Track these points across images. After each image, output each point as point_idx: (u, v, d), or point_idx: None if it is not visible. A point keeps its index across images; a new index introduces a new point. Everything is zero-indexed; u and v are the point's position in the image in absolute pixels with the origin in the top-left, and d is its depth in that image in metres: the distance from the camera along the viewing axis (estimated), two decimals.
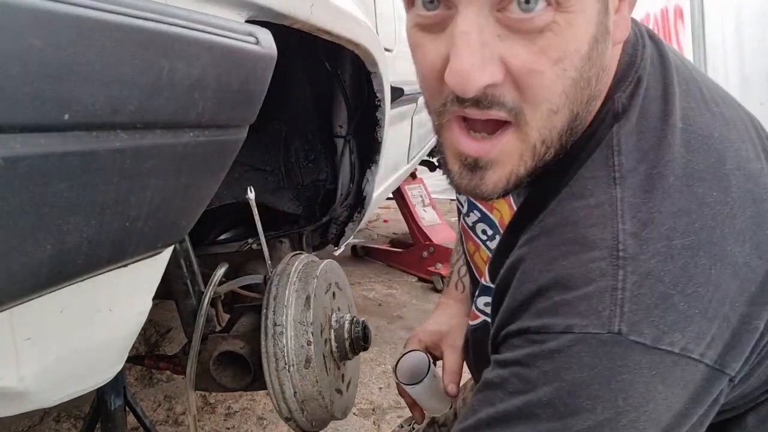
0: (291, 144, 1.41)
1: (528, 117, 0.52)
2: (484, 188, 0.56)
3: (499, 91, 0.51)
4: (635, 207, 0.52)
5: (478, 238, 0.83)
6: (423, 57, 0.55)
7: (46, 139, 0.37)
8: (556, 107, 0.52)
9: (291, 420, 0.84)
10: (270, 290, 0.85)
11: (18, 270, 0.39)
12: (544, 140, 0.54)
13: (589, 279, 0.50)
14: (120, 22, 0.40)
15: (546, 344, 0.51)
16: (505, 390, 0.53)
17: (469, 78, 0.48)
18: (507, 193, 0.58)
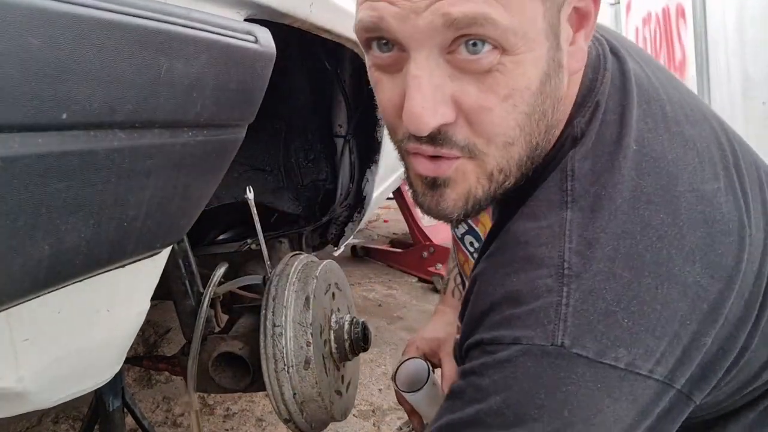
0: (291, 144, 1.41)
1: (483, 149, 0.55)
2: (444, 205, 0.59)
3: (452, 130, 0.54)
4: (582, 227, 0.54)
5: (466, 249, 0.85)
6: (382, 95, 0.57)
7: (44, 139, 0.36)
8: (512, 140, 0.55)
9: (290, 421, 0.83)
10: (269, 291, 0.85)
11: (16, 270, 0.39)
12: (502, 169, 0.57)
13: (536, 294, 0.53)
14: (118, 20, 0.40)
15: (496, 354, 0.53)
16: (462, 399, 0.56)
17: (422, 120, 0.51)
18: (467, 215, 0.60)
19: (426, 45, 0.51)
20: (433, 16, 0.49)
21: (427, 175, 0.59)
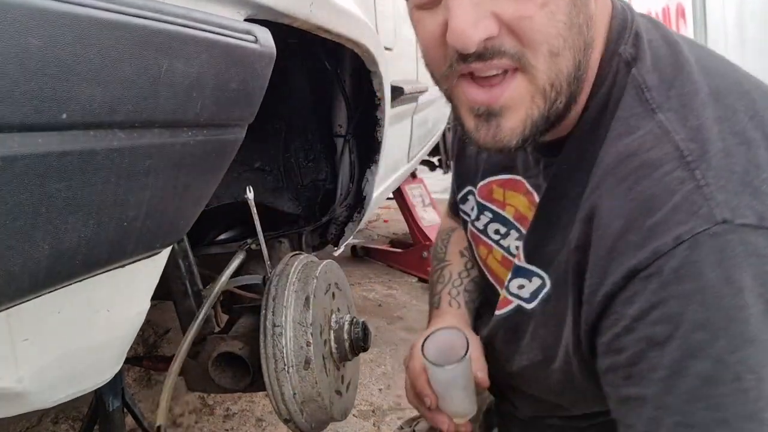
0: (290, 144, 1.41)
1: (532, 61, 0.56)
2: (502, 135, 0.60)
3: (498, 42, 0.56)
4: (682, 120, 0.56)
5: (490, 240, 0.83)
6: (424, 30, 0.60)
7: (44, 139, 0.36)
8: (556, 49, 0.56)
9: (290, 421, 0.83)
10: (269, 291, 0.85)
11: (16, 270, 0.39)
12: (553, 83, 0.58)
13: (671, 190, 0.52)
14: (118, 20, 0.40)
15: (664, 269, 0.50)
16: (654, 343, 0.50)
17: (466, 33, 0.54)
18: (526, 141, 0.60)
19: None
20: None
21: (480, 104, 0.59)
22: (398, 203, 3.61)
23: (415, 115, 2.18)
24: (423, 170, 3.95)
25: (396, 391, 2.24)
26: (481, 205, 0.85)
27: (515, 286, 0.72)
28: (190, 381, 0.94)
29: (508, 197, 0.79)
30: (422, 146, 2.75)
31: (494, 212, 0.82)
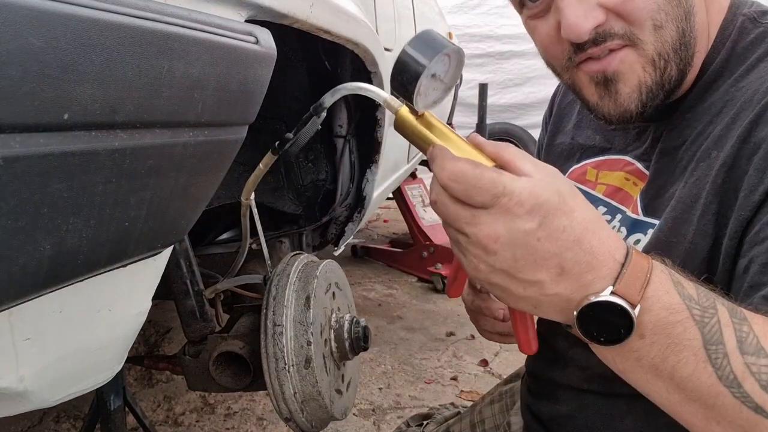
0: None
1: (640, 36, 0.66)
2: (622, 100, 0.68)
3: (608, 26, 0.66)
4: None
5: None
6: (540, 34, 0.71)
7: (45, 139, 0.37)
8: (659, 22, 0.65)
9: (291, 420, 0.84)
10: (270, 290, 0.85)
11: (17, 270, 0.39)
12: (660, 53, 0.66)
13: None
14: (119, 21, 0.40)
15: None
16: None
17: (578, 25, 0.65)
18: (644, 106, 0.68)
19: None
20: None
21: (596, 74, 0.69)
22: (398, 203, 3.61)
23: None
24: (423, 170, 3.95)
25: (396, 390, 2.24)
26: None
27: (632, 241, 0.73)
28: (191, 380, 0.94)
29: (601, 177, 0.84)
30: None
31: (583, 192, 0.85)
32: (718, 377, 0.49)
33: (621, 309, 0.50)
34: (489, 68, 5.96)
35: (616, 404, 0.77)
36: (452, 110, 4.36)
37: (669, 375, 0.51)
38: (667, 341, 0.51)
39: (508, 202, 0.49)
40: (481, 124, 4.24)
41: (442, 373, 2.38)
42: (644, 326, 0.51)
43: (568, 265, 0.50)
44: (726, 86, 0.69)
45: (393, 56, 1.76)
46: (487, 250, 0.51)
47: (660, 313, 0.51)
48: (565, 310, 0.52)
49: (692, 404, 0.51)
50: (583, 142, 0.90)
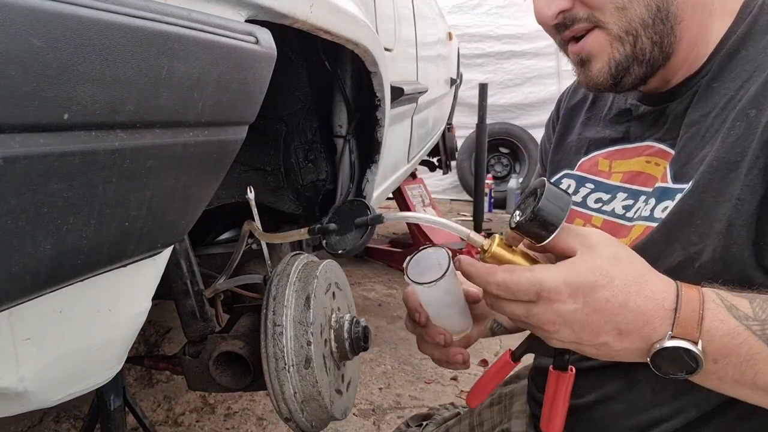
0: (291, 144, 1.41)
1: (601, 18, 0.74)
2: (593, 75, 0.78)
3: (573, 12, 0.75)
4: None
5: (588, 210, 0.88)
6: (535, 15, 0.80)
7: (45, 139, 0.37)
8: (623, 3, 0.72)
9: (291, 420, 0.84)
10: (270, 290, 0.85)
11: (17, 270, 0.39)
12: (627, 30, 0.74)
13: None
14: (120, 21, 0.40)
15: None
16: None
17: (543, 13, 0.77)
18: (615, 79, 0.77)
19: None
20: None
21: (575, 54, 0.79)
22: (398, 203, 3.61)
23: (415, 115, 2.18)
24: (423, 170, 3.95)
25: (396, 390, 2.24)
26: (582, 179, 0.91)
27: (660, 210, 0.76)
28: (191, 380, 0.94)
29: (615, 166, 0.87)
30: (422, 146, 2.75)
31: (597, 182, 0.89)
32: None
33: (686, 350, 0.57)
34: (489, 68, 5.96)
35: (641, 391, 0.77)
36: (452, 110, 4.36)
37: (752, 384, 0.58)
38: (738, 360, 0.57)
39: (548, 295, 0.59)
40: (481, 124, 4.24)
41: (442, 373, 2.38)
42: (713, 354, 0.57)
43: (623, 327, 0.59)
44: (754, 53, 0.72)
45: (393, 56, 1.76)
46: (550, 331, 0.61)
47: (722, 340, 0.57)
48: (640, 357, 0.60)
49: None
50: (591, 136, 0.93)
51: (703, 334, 0.57)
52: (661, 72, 0.80)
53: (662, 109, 0.82)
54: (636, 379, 0.77)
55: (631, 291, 0.59)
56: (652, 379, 0.73)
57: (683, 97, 0.79)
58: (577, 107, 1.00)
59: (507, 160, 6.23)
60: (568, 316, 0.59)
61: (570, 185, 0.92)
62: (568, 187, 0.93)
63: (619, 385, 0.79)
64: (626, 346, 0.60)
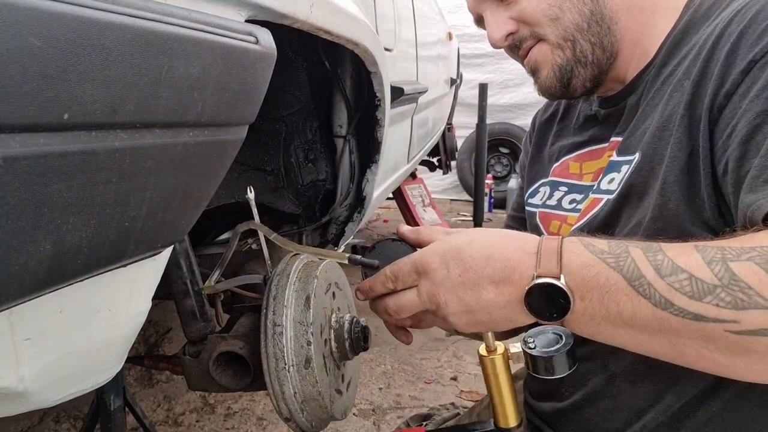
0: (291, 144, 1.41)
1: (540, 31, 0.82)
2: (542, 82, 0.86)
3: (520, 33, 0.85)
4: None
5: (563, 211, 0.92)
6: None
7: (45, 139, 0.37)
8: (555, 15, 0.80)
9: (291, 420, 0.84)
10: (270, 290, 0.85)
11: (17, 270, 0.39)
12: (564, 37, 0.81)
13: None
14: (119, 21, 0.40)
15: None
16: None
17: (493, 38, 0.86)
18: (563, 83, 0.84)
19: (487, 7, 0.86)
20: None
21: (527, 68, 0.88)
22: (398, 203, 3.61)
23: (415, 115, 2.18)
24: (423, 170, 3.95)
25: (396, 390, 2.24)
26: (555, 183, 0.96)
27: (606, 182, 0.82)
28: (191, 380, 0.94)
29: (585, 167, 0.92)
30: (422, 146, 2.75)
31: (570, 185, 0.93)
32: (654, 305, 0.55)
33: (551, 284, 0.59)
34: (489, 68, 5.96)
35: (620, 386, 0.78)
36: (452, 110, 4.36)
37: (621, 320, 0.58)
38: (599, 293, 0.58)
39: (424, 267, 0.66)
40: (481, 124, 4.24)
41: (442, 373, 2.38)
42: (577, 289, 0.59)
43: (495, 277, 0.62)
44: (696, 38, 0.76)
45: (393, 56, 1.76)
46: (441, 305, 0.65)
47: (580, 272, 0.59)
48: (522, 307, 0.62)
49: (657, 338, 0.57)
50: (561, 143, 0.99)
51: (563, 269, 0.59)
52: (613, 71, 0.85)
53: (622, 106, 0.86)
54: (613, 373, 0.79)
55: (494, 244, 0.64)
56: (628, 371, 0.76)
57: (638, 90, 0.83)
58: (549, 121, 1.06)
59: (507, 160, 6.23)
60: (446, 281, 0.64)
61: (545, 191, 0.98)
62: (542, 197, 0.97)
63: (599, 380, 0.80)
64: (507, 297, 0.62)
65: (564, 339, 0.68)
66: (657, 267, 0.56)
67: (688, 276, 0.54)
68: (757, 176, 0.60)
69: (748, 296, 0.52)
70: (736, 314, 0.52)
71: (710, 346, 0.54)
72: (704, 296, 0.53)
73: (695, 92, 0.70)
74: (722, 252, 0.54)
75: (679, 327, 0.55)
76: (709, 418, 0.71)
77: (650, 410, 0.75)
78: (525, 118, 5.95)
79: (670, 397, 0.74)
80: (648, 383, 0.76)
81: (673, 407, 0.73)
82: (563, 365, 0.67)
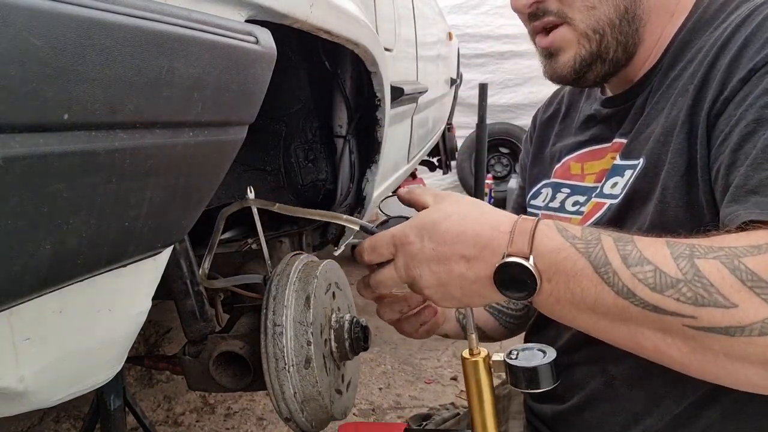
0: (291, 144, 1.41)
1: (569, 14, 0.78)
2: (558, 68, 0.82)
3: (545, 5, 0.79)
4: None
5: (566, 213, 0.91)
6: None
7: (45, 139, 0.37)
8: (591, 4, 0.77)
9: (291, 420, 0.84)
10: (270, 290, 0.85)
11: (17, 270, 0.39)
12: (594, 29, 0.78)
13: None
14: (119, 21, 0.40)
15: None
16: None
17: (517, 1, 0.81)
18: (578, 74, 0.81)
19: None
20: None
21: (542, 47, 0.83)
22: None
23: (415, 115, 2.18)
24: (423, 170, 3.95)
25: (396, 390, 2.24)
26: (558, 185, 0.94)
27: (609, 186, 0.81)
28: (191, 380, 0.94)
29: (587, 168, 0.90)
30: (422, 146, 2.75)
31: (572, 186, 0.92)
32: (616, 293, 0.56)
33: (519, 264, 0.60)
34: (489, 68, 5.96)
35: (619, 390, 0.78)
36: (452, 110, 4.36)
37: (585, 305, 0.58)
38: (566, 277, 0.59)
39: (401, 240, 0.67)
40: (481, 124, 4.24)
41: (442, 373, 2.38)
42: (544, 271, 0.60)
43: (466, 252, 0.63)
44: (701, 41, 0.75)
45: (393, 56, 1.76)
46: (416, 278, 0.66)
47: (549, 255, 0.60)
48: (492, 284, 0.62)
49: (618, 327, 0.58)
50: (563, 144, 0.98)
51: (534, 251, 0.60)
52: (622, 72, 0.84)
53: (627, 107, 0.85)
54: (612, 376, 0.79)
55: (469, 220, 0.64)
56: (626, 375, 0.75)
57: (644, 92, 0.82)
58: (550, 120, 1.05)
59: (507, 160, 6.23)
60: (420, 254, 0.65)
61: (547, 193, 0.96)
62: (544, 199, 0.97)
63: (598, 384, 0.80)
64: (477, 273, 0.62)
65: (547, 354, 0.68)
66: (624, 257, 0.56)
67: (653, 268, 0.54)
68: (741, 186, 0.60)
69: (708, 293, 0.52)
70: (695, 310, 0.52)
71: (668, 340, 0.55)
72: (666, 289, 0.53)
73: (697, 97, 0.70)
74: (691, 249, 0.55)
75: (638, 317, 0.55)
76: (709, 425, 0.71)
77: (649, 415, 0.75)
78: (525, 118, 5.94)
79: (668, 402, 0.73)
80: (646, 387, 0.75)
81: (672, 413, 0.73)
82: (547, 378, 0.66)
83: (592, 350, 0.81)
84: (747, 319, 0.50)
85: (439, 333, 0.97)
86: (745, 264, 0.51)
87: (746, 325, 0.50)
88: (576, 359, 0.84)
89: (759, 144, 0.59)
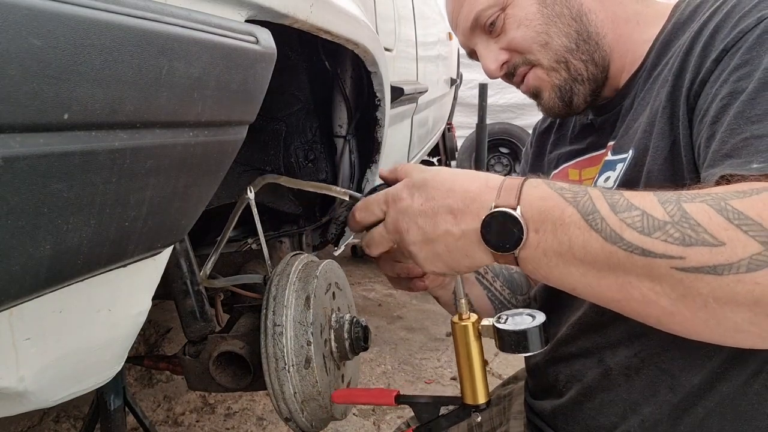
0: (291, 144, 1.41)
1: (532, 57, 0.87)
2: (546, 104, 0.90)
3: (513, 62, 0.89)
4: None
5: None
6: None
7: (45, 139, 0.37)
8: (544, 40, 0.85)
9: (291, 420, 0.84)
10: (270, 290, 0.85)
11: (17, 270, 0.39)
12: (557, 60, 0.85)
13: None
14: (119, 21, 0.40)
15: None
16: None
17: (490, 70, 0.90)
18: (565, 101, 0.88)
19: (479, 40, 0.91)
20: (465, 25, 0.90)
21: (527, 93, 0.91)
22: None
23: (415, 115, 2.18)
24: None
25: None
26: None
27: (602, 181, 0.83)
28: (191, 380, 0.94)
29: (585, 174, 0.93)
30: (422, 146, 2.75)
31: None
32: (604, 238, 0.56)
33: (507, 213, 0.60)
34: None
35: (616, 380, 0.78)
36: (452, 110, 4.36)
37: (572, 255, 0.58)
38: (553, 226, 0.59)
39: (393, 197, 0.69)
40: (481, 124, 4.24)
41: (442, 373, 2.38)
42: (531, 221, 0.60)
43: (454, 206, 0.64)
44: (683, 38, 0.77)
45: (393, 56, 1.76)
46: (403, 233, 0.67)
47: (536, 203, 0.60)
48: (479, 239, 0.62)
49: (605, 277, 0.57)
50: (559, 152, 1.02)
51: (521, 201, 0.60)
52: (607, 83, 0.88)
53: (617, 111, 0.88)
54: (608, 367, 0.79)
55: (458, 178, 0.66)
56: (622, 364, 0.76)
57: (630, 94, 0.86)
58: (547, 131, 1.10)
59: (507, 160, 6.23)
60: (409, 210, 0.67)
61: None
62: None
63: (595, 375, 0.81)
64: (463, 227, 0.63)
65: (537, 318, 0.68)
66: (612, 204, 0.57)
67: (641, 213, 0.55)
68: (717, 151, 0.62)
69: (696, 233, 0.52)
70: (683, 250, 0.52)
71: (656, 288, 0.54)
72: (653, 231, 0.54)
73: (675, 84, 0.73)
74: (677, 195, 0.56)
75: (626, 263, 0.55)
76: (708, 413, 0.72)
77: (646, 404, 0.76)
78: (525, 118, 5.95)
79: (665, 391, 0.74)
80: (642, 376, 0.76)
81: (670, 402, 0.74)
82: (535, 342, 0.66)
83: (588, 341, 0.82)
84: (735, 257, 0.50)
85: (432, 293, 0.99)
86: (732, 205, 0.52)
87: (734, 262, 0.50)
88: (572, 351, 0.84)
89: (732, 112, 0.61)
